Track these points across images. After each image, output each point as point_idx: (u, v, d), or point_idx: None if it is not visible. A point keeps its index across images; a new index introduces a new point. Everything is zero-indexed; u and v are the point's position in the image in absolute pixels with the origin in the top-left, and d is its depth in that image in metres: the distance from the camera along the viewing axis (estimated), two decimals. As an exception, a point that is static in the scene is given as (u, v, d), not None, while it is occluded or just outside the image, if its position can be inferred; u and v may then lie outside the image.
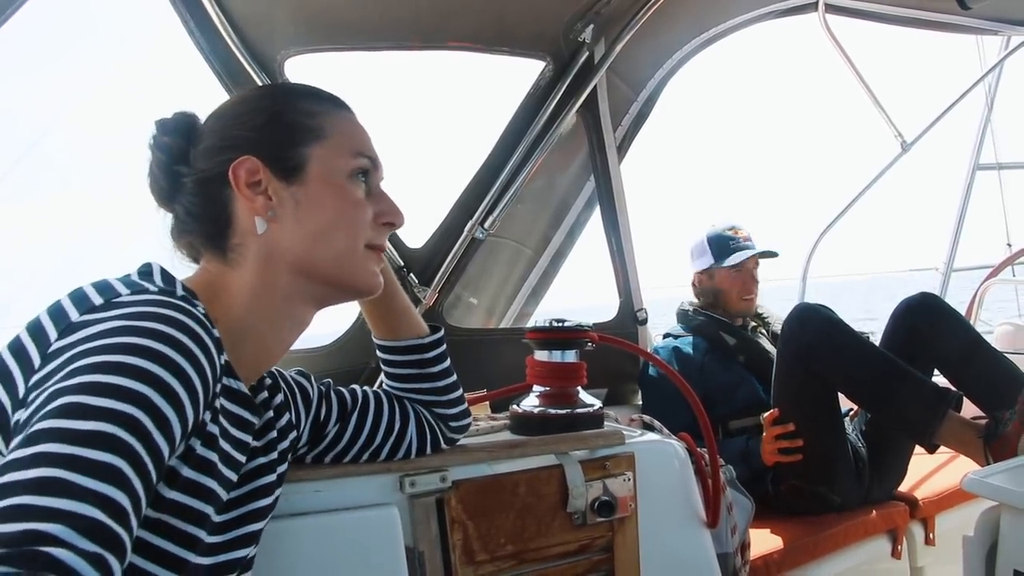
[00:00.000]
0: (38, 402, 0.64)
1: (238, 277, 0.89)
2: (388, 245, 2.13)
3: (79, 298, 0.74)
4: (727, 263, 2.56)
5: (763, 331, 2.66)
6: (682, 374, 1.84)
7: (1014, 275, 4.15)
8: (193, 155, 0.91)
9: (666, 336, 2.70)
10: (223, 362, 0.80)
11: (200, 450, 0.76)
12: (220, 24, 1.81)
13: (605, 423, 1.43)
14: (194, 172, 0.90)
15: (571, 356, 1.43)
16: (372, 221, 0.95)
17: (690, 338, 2.59)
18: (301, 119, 0.92)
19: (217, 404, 0.79)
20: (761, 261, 2.64)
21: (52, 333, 0.71)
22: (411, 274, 2.25)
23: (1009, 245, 4.65)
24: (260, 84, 1.87)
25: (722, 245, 2.60)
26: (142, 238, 0.96)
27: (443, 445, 1.22)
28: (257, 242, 0.89)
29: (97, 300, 0.74)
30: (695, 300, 2.70)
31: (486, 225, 2.28)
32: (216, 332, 0.78)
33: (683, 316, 2.68)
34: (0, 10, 1.47)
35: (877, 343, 2.30)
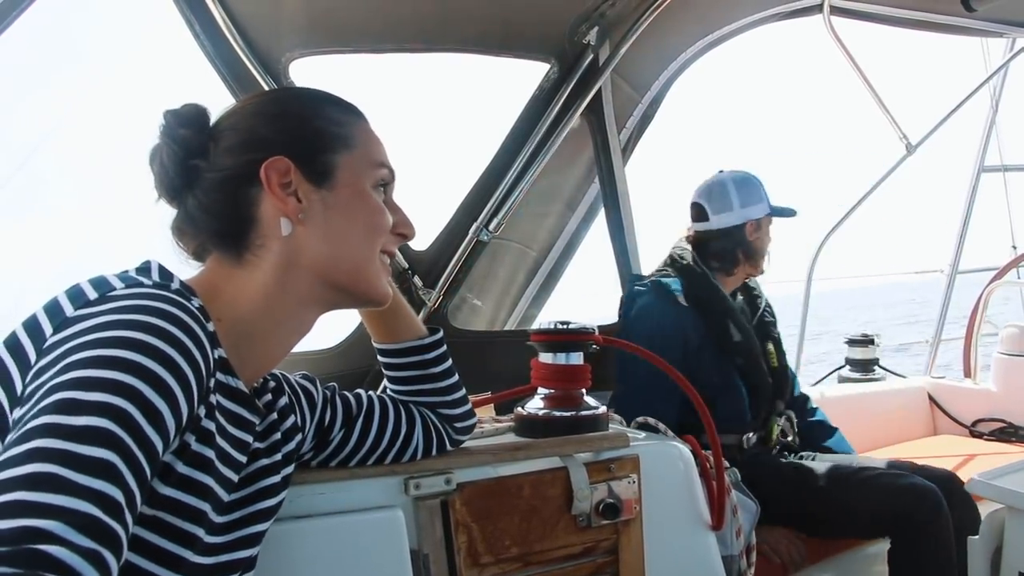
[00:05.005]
0: (34, 398, 0.64)
1: (250, 277, 0.88)
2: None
3: (75, 294, 0.74)
4: (783, 215, 2.28)
5: (746, 310, 2.35)
6: (663, 351, 1.58)
7: (1019, 277, 4.15)
8: (214, 151, 0.89)
9: (653, 284, 2.22)
10: (217, 357, 0.79)
11: (195, 446, 0.76)
12: (225, 26, 1.82)
13: (610, 425, 1.42)
14: (217, 168, 0.88)
15: (576, 358, 1.42)
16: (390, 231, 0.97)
17: (689, 311, 2.15)
18: (330, 127, 0.93)
19: (213, 400, 0.79)
20: None
21: (48, 328, 0.71)
22: (416, 276, 2.25)
23: (1014, 247, 4.64)
24: (265, 86, 1.87)
25: (767, 195, 2.27)
26: (146, 250, 0.95)
27: (448, 447, 1.22)
28: (280, 244, 0.88)
29: (92, 295, 0.74)
30: (707, 257, 2.26)
31: (491, 227, 2.28)
32: (210, 327, 0.78)
33: (688, 273, 2.21)
34: (5, 13, 1.48)
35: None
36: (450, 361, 1.21)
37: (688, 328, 2.14)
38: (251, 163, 0.87)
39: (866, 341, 4.01)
